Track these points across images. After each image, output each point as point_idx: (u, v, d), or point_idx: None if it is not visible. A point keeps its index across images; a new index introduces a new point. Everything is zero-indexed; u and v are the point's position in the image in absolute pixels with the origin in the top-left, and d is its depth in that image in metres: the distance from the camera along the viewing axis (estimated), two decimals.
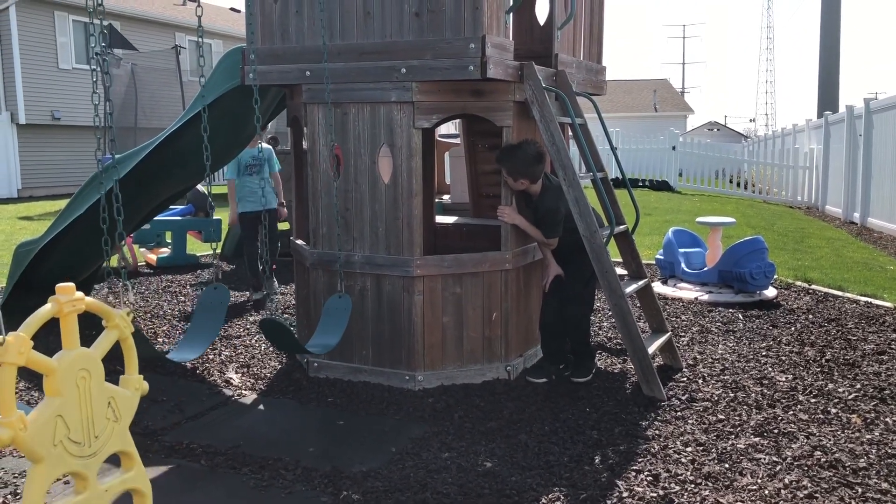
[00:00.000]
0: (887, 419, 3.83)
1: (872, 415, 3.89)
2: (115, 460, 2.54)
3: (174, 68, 19.83)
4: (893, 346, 5.10)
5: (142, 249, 8.70)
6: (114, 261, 5.75)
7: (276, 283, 6.86)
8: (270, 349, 5.12)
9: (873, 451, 3.45)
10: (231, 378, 4.58)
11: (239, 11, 30.89)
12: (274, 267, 7.05)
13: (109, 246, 3.45)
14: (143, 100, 19.34)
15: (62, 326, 2.29)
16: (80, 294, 2.31)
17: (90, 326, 2.52)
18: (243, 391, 4.37)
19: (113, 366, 2.67)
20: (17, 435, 2.08)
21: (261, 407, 4.16)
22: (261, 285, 6.69)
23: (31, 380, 4.43)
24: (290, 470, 3.30)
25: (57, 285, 2.29)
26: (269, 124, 8.00)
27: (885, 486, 3.11)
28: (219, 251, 8.88)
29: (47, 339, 3.06)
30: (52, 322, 2.25)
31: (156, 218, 7.72)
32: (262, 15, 4.48)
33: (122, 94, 18.50)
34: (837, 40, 24.16)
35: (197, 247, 9.42)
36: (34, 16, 21.24)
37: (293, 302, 6.15)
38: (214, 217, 8.98)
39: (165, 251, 8.67)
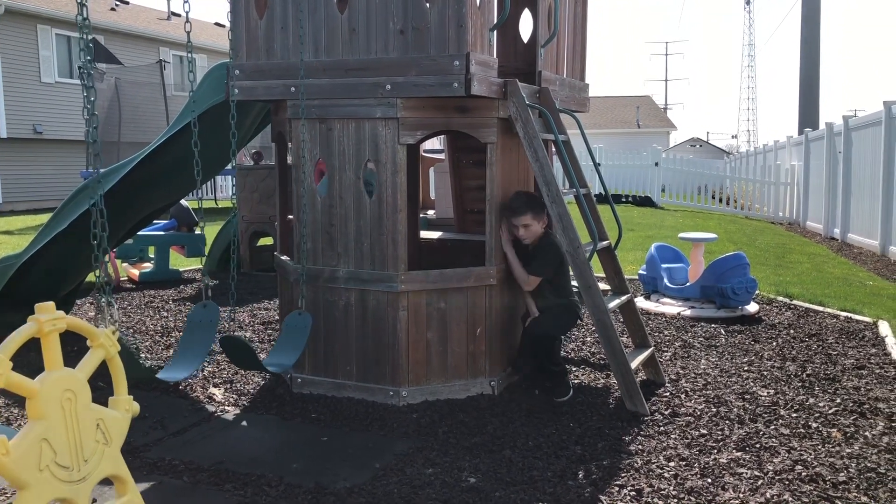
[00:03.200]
0: (867, 433, 3.87)
1: (852, 429, 3.93)
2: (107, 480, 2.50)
3: (158, 83, 19.81)
4: (873, 361, 5.16)
5: (124, 264, 8.65)
6: (92, 277, 5.71)
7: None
8: None
9: (853, 464, 3.48)
10: (214, 394, 4.56)
11: (223, 26, 30.91)
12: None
13: (98, 261, 3.43)
14: (126, 114, 19.30)
15: (43, 346, 2.22)
16: (60, 312, 2.25)
17: (73, 342, 2.49)
18: (226, 407, 4.34)
19: (94, 382, 2.64)
20: None
21: (244, 423, 4.14)
22: None
23: (12, 397, 4.38)
24: (273, 486, 3.28)
25: (36, 304, 2.23)
26: (254, 139, 8.00)
27: (864, 499, 3.14)
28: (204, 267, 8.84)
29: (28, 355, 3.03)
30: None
31: (139, 233, 7.69)
32: (247, 31, 4.50)
33: (106, 109, 18.45)
34: (817, 58, 24.49)
35: (180, 262, 9.37)
36: (17, 29, 21.16)
37: (276, 317, 6.14)
38: (197, 232, 8.96)
39: (148, 266, 8.63)
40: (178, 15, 28.23)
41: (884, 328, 6.06)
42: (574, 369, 4.99)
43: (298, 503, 3.13)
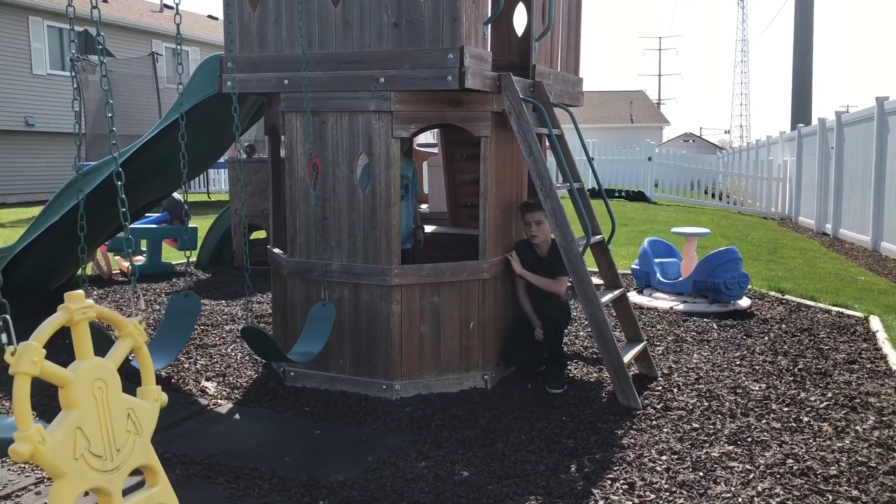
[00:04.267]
0: (857, 427, 3.89)
1: (843, 423, 3.95)
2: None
3: (151, 75, 19.71)
4: (864, 356, 5.18)
5: (116, 257, 8.62)
6: (87, 269, 5.69)
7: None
8: (246, 358, 5.10)
9: (844, 458, 3.50)
10: (206, 387, 4.55)
11: (217, 19, 30.79)
12: None
13: (86, 253, 3.41)
14: (119, 107, 19.17)
15: (74, 335, 2.21)
16: (90, 301, 2.24)
17: (64, 335, 2.48)
18: (219, 401, 4.34)
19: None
20: (36, 448, 2.00)
21: (237, 416, 4.13)
22: None
23: (3, 389, 4.36)
24: (265, 479, 3.28)
25: (66, 293, 2.23)
26: (247, 132, 7.97)
27: (855, 493, 3.16)
28: (193, 259, 8.82)
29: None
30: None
31: (131, 226, 7.66)
32: (240, 23, 4.48)
33: (98, 101, 18.35)
34: (810, 54, 24.55)
35: (172, 255, 9.35)
36: (8, 21, 21.03)
37: (269, 310, 6.13)
38: (190, 225, 8.92)
39: (140, 259, 8.60)
40: (171, 7, 28.01)
41: (875, 323, 6.09)
42: (567, 363, 4.99)
43: (291, 496, 3.13)
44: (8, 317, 2.22)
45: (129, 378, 2.53)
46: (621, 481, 3.27)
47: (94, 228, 3.74)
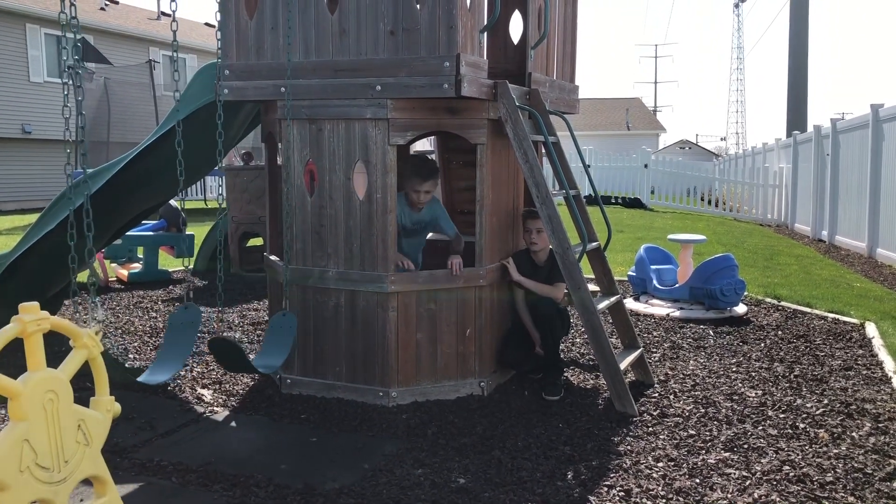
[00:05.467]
0: (854, 434, 3.89)
1: (839, 430, 3.95)
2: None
3: (148, 83, 19.73)
4: (860, 362, 5.19)
5: (113, 265, 8.61)
6: (83, 276, 5.68)
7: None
8: None
9: (840, 465, 3.51)
10: (203, 395, 4.54)
11: (213, 26, 30.83)
12: None
13: (76, 263, 3.41)
14: (115, 114, 19.20)
15: (26, 347, 2.21)
16: (44, 313, 2.24)
17: (61, 342, 2.48)
18: (215, 408, 4.33)
19: (81, 383, 2.63)
20: None
21: (233, 424, 4.13)
22: None
23: None
24: (262, 487, 3.28)
25: (20, 304, 2.23)
26: (244, 139, 7.97)
27: (851, 499, 3.16)
28: (191, 268, 8.82)
29: (16, 355, 3.02)
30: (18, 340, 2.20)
31: (128, 233, 7.66)
32: (237, 31, 4.49)
33: (95, 108, 18.36)
34: (805, 61, 24.64)
35: (169, 262, 9.34)
36: (5, 28, 21.05)
37: (266, 318, 6.12)
38: (187, 232, 8.92)
39: (137, 266, 8.59)
40: (168, 15, 28.12)
41: (871, 329, 6.10)
42: (564, 370, 4.99)
43: None
44: None
45: (127, 387, 2.53)
46: (618, 488, 3.27)
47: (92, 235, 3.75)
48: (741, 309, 6.63)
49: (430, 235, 5.69)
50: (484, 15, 4.43)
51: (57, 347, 2.67)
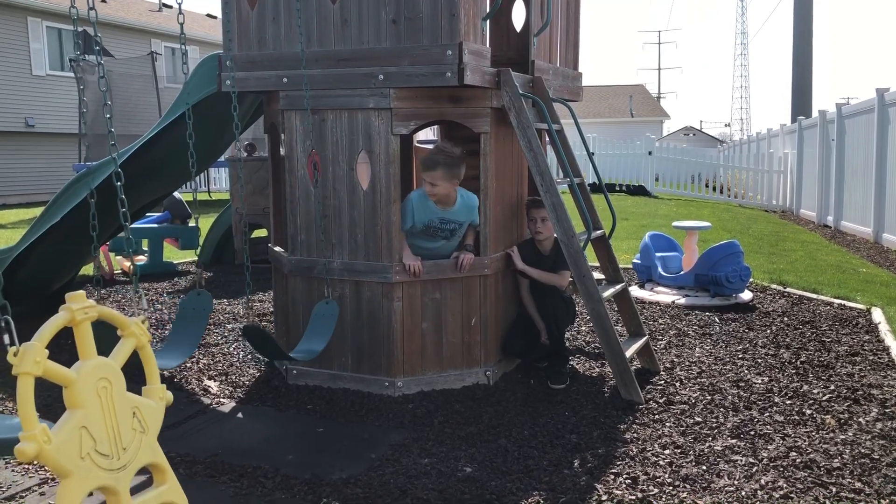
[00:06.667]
0: (860, 419, 3.88)
1: (846, 415, 3.95)
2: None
3: (150, 75, 19.71)
4: (866, 348, 5.18)
5: (118, 257, 8.63)
6: (89, 269, 5.69)
7: None
8: (249, 357, 5.10)
9: (847, 451, 3.50)
10: (209, 386, 4.55)
11: (215, 18, 30.77)
12: None
13: (96, 251, 3.39)
14: (118, 106, 19.19)
15: (77, 335, 2.22)
16: (91, 301, 2.26)
17: (67, 335, 2.48)
18: (222, 399, 4.34)
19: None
20: (42, 448, 2.01)
21: (239, 415, 4.14)
22: None
23: (6, 391, 4.37)
24: (269, 478, 3.29)
25: (67, 294, 2.23)
26: (246, 131, 7.97)
27: (858, 485, 3.16)
28: (200, 258, 8.83)
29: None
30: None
31: (132, 225, 7.67)
32: (238, 21, 4.47)
33: (97, 101, 18.34)
34: (810, 46, 24.51)
35: (174, 254, 9.35)
36: (7, 21, 21.02)
37: (271, 309, 6.13)
38: (191, 224, 8.93)
39: (142, 259, 8.61)
40: (170, 6, 28.09)
41: (877, 315, 6.08)
42: (569, 358, 4.99)
43: (294, 494, 3.14)
44: (10, 318, 2.22)
45: (132, 377, 2.53)
46: (624, 476, 3.27)
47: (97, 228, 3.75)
48: (747, 295, 6.62)
49: None
50: (486, 2, 4.40)
51: (65, 340, 2.67)
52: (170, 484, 2.48)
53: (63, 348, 2.92)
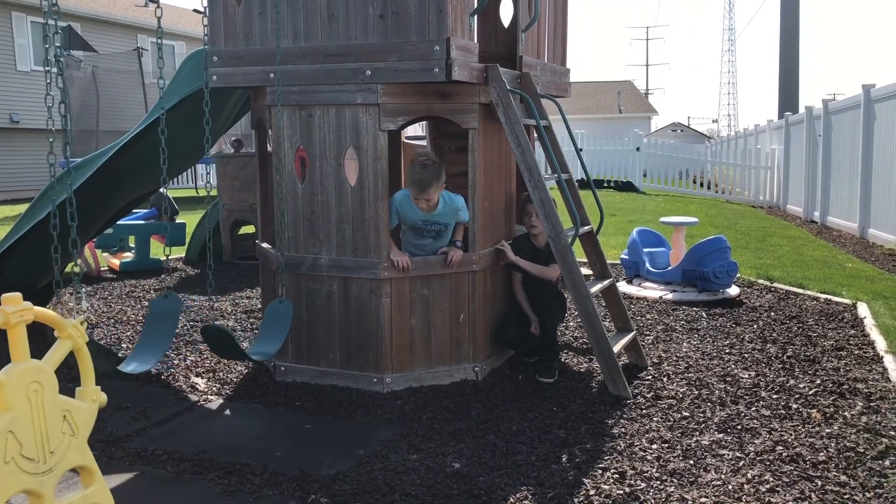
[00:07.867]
0: (846, 413, 3.91)
1: (831, 409, 3.98)
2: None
3: (136, 70, 19.59)
4: (852, 342, 5.22)
5: (105, 254, 8.57)
6: (70, 267, 5.65)
7: None
8: None
9: (832, 444, 3.53)
10: (197, 383, 4.54)
11: (201, 13, 30.58)
12: None
13: (59, 253, 3.38)
14: (104, 102, 19.07)
15: (10, 338, 2.21)
16: (27, 304, 2.23)
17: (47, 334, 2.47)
18: (209, 396, 4.33)
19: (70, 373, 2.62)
20: None
21: (227, 412, 4.12)
22: None
23: None
24: (257, 475, 3.28)
25: (3, 295, 2.22)
26: (233, 126, 7.93)
27: (843, 478, 3.18)
28: (170, 255, 8.78)
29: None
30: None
31: (119, 222, 7.61)
32: (224, 17, 4.45)
33: (82, 97, 18.22)
34: (797, 42, 24.61)
35: (161, 251, 9.30)
36: None
37: (259, 305, 6.11)
38: (178, 221, 8.89)
39: (129, 256, 8.56)
40: (156, 2, 27.89)
41: (862, 310, 6.13)
42: (559, 353, 5.00)
43: (283, 491, 3.13)
44: None
45: (120, 376, 2.52)
46: (612, 470, 3.28)
47: (80, 225, 3.71)
48: (734, 291, 6.65)
49: None
50: None
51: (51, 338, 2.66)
52: (97, 486, 2.47)
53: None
